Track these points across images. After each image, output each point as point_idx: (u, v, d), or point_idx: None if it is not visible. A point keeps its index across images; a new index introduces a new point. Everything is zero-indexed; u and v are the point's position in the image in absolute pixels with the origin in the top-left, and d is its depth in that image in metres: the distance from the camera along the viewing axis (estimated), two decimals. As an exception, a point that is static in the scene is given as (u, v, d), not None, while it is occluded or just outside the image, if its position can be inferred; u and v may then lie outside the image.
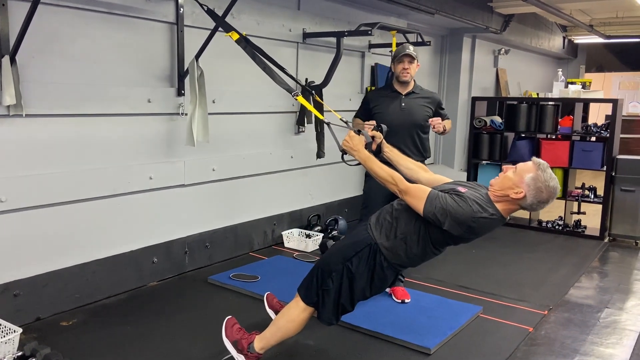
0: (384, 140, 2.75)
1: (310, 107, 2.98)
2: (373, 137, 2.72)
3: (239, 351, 2.66)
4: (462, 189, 2.37)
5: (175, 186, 3.96)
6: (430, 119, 3.63)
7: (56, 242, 3.31)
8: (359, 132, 2.61)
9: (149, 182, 3.75)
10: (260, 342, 2.65)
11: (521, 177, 2.31)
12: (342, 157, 2.73)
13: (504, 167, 2.41)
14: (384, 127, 2.77)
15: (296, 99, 2.92)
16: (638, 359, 2.99)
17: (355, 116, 3.84)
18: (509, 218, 2.46)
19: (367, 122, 3.39)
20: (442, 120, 3.67)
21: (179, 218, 4.04)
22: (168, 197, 3.93)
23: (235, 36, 3.04)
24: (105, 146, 3.49)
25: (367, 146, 2.62)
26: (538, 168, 2.30)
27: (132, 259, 3.73)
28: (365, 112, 3.73)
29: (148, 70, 3.71)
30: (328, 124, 2.81)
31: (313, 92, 3.21)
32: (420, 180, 2.59)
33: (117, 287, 3.64)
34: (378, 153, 2.71)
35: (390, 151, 2.76)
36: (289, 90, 2.94)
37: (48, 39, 3.14)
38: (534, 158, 2.36)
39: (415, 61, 3.61)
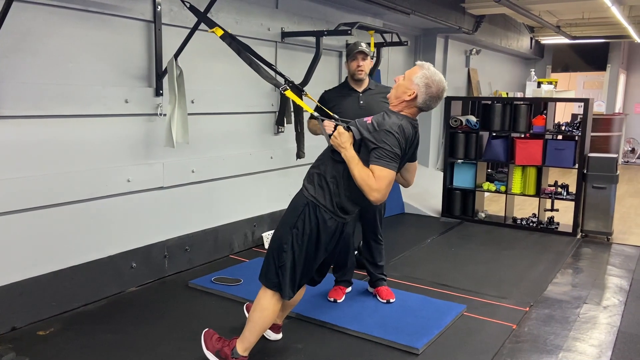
0: None
1: (299, 101, 2.94)
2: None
3: None
4: (367, 119, 2.55)
5: (153, 189, 3.86)
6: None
7: (31, 248, 3.18)
8: (348, 128, 2.59)
9: (126, 184, 3.65)
10: (242, 343, 2.66)
11: (410, 80, 2.53)
12: (331, 153, 2.69)
13: (395, 78, 2.64)
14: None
15: (284, 94, 2.88)
16: (619, 354, 3.06)
17: (312, 118, 3.71)
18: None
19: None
20: None
21: (158, 221, 3.94)
22: (146, 200, 3.83)
23: (220, 32, 2.97)
24: (81, 148, 3.38)
25: (355, 143, 2.59)
26: (422, 67, 2.54)
27: (111, 264, 3.62)
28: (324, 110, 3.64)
29: (125, 70, 3.61)
30: (317, 117, 2.79)
31: (303, 89, 3.16)
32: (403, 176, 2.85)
33: (95, 293, 3.53)
34: None
35: None
36: (277, 85, 2.90)
37: (21, 38, 3.01)
38: (418, 61, 2.59)
39: (369, 58, 3.58)
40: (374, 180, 2.42)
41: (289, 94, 2.88)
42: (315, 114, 2.85)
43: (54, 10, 3.16)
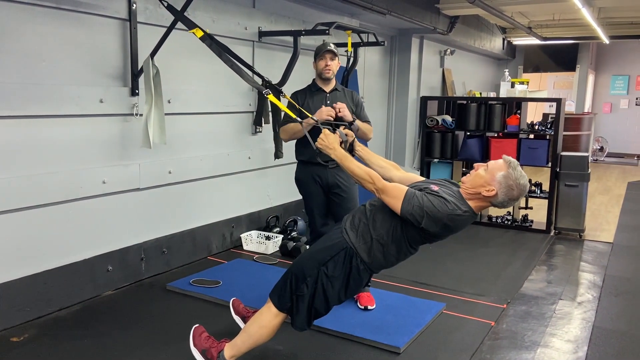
0: (356, 139, 2.74)
1: (282, 106, 2.92)
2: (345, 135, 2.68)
3: None
4: (435, 187, 2.38)
5: (130, 190, 3.79)
6: (335, 104, 3.44)
7: (3, 253, 3.09)
8: (333, 130, 2.58)
9: (102, 186, 3.57)
10: (231, 350, 2.58)
11: (492, 175, 2.32)
12: (316, 157, 2.69)
13: (476, 165, 2.42)
14: (356, 125, 2.75)
15: (267, 97, 2.86)
16: (595, 348, 3.12)
17: (285, 122, 3.62)
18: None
19: (339, 124, 3.32)
20: (362, 122, 3.57)
21: (134, 223, 3.87)
22: (122, 202, 3.75)
23: (200, 33, 2.93)
24: (54, 149, 3.29)
25: (341, 144, 2.59)
26: (509, 166, 2.32)
27: (86, 267, 3.54)
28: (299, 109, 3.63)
29: (100, 69, 3.53)
30: (301, 122, 2.77)
31: (282, 91, 3.15)
32: (393, 179, 2.59)
33: (70, 298, 3.45)
34: (350, 152, 2.68)
35: (362, 149, 2.74)
36: (260, 89, 2.88)
37: (-9, 35, 2.92)
38: (505, 156, 2.38)
39: (337, 58, 3.56)
40: (377, 178, 2.35)
41: (272, 98, 2.86)
42: (299, 119, 2.81)
43: (26, 7, 3.07)
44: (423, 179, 2.60)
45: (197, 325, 2.75)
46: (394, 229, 2.41)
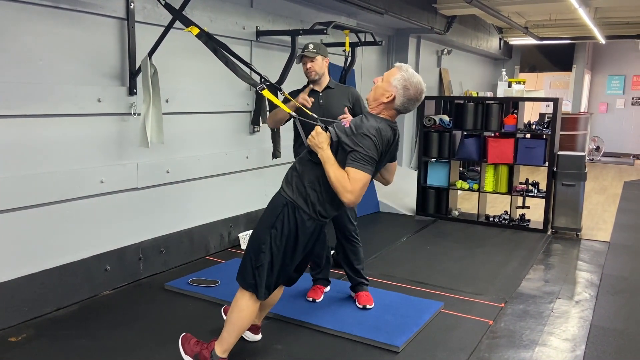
0: None
1: (277, 101, 2.92)
2: None
3: None
4: (346, 123, 2.54)
5: (127, 190, 3.78)
6: (340, 116, 3.39)
7: (0, 253, 3.08)
8: (326, 128, 2.58)
9: (100, 186, 3.56)
10: (221, 345, 2.64)
11: (388, 82, 2.50)
12: (309, 154, 2.69)
13: (374, 79, 2.60)
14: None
15: (262, 93, 2.86)
16: (592, 347, 3.13)
17: (291, 117, 3.66)
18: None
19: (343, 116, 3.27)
20: None
21: (132, 223, 3.86)
22: (120, 202, 3.75)
23: (196, 30, 2.93)
24: (52, 149, 3.28)
25: (332, 144, 2.57)
26: (400, 69, 2.50)
27: (83, 267, 3.53)
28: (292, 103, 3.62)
29: (97, 68, 3.52)
30: (295, 117, 2.78)
31: (281, 88, 3.14)
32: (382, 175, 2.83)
33: (68, 298, 3.44)
34: None
35: None
36: (254, 84, 2.88)
37: (-12, 34, 2.91)
38: (397, 63, 2.57)
39: (317, 57, 3.48)
40: (348, 182, 2.40)
41: (266, 93, 2.86)
42: (293, 113, 2.83)
43: (24, 7, 3.06)
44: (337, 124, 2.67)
45: (184, 334, 2.80)
46: (322, 173, 2.50)
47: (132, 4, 3.61)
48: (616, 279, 4.31)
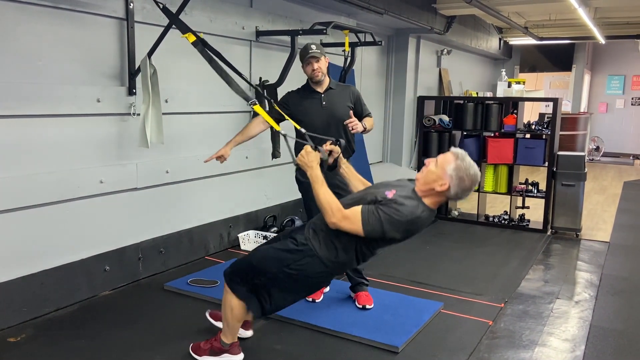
0: (341, 155, 2.73)
1: (267, 117, 2.93)
2: (330, 152, 2.67)
3: (220, 353, 2.75)
4: (390, 194, 2.39)
5: (127, 190, 3.78)
6: (346, 121, 3.42)
7: (0, 252, 3.07)
8: (316, 147, 2.59)
9: (99, 186, 3.56)
10: (226, 336, 2.75)
11: (443, 169, 2.36)
12: (297, 171, 2.74)
13: (426, 160, 2.47)
14: (342, 141, 2.74)
15: (253, 108, 2.88)
16: (592, 347, 3.13)
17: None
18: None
19: (325, 138, 3.11)
20: (364, 116, 3.58)
21: (132, 223, 3.86)
22: (120, 202, 3.74)
23: (192, 38, 2.95)
24: (51, 149, 3.28)
25: (322, 163, 2.59)
26: (457, 158, 2.36)
27: (83, 267, 3.53)
28: (280, 114, 3.53)
29: (97, 68, 3.52)
30: (285, 135, 2.79)
31: (272, 100, 3.17)
32: None
33: (67, 298, 3.43)
34: (334, 167, 2.72)
35: (346, 167, 2.78)
36: (246, 98, 2.91)
37: (-13, 34, 2.91)
38: (453, 148, 2.43)
39: (323, 58, 3.47)
40: (339, 209, 2.38)
41: (257, 108, 2.89)
42: (283, 132, 2.83)
43: (24, 7, 3.06)
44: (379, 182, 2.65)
45: (192, 344, 2.87)
46: (355, 240, 2.46)
47: (132, 4, 3.60)
48: (616, 279, 4.31)
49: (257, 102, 2.88)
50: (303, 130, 2.90)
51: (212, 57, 2.95)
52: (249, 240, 4.76)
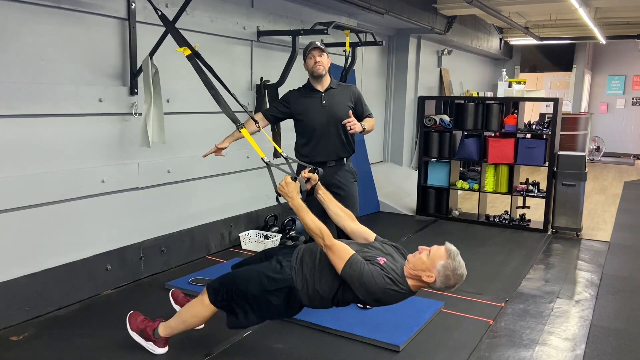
0: (319, 183, 2.82)
1: (253, 143, 2.96)
2: (308, 179, 2.77)
3: (147, 339, 2.83)
4: (381, 260, 2.47)
5: (129, 189, 3.79)
6: (344, 121, 3.42)
7: (2, 252, 3.09)
8: (294, 178, 2.64)
9: (101, 185, 3.57)
10: (165, 330, 2.81)
11: (433, 263, 2.42)
12: (277, 199, 2.80)
13: (420, 248, 2.51)
14: (320, 170, 2.84)
15: (240, 132, 2.99)
16: (592, 347, 3.14)
17: (264, 110, 3.74)
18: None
19: (305, 165, 3.08)
20: (365, 116, 3.59)
21: (133, 222, 3.87)
22: (121, 201, 3.76)
23: (187, 52, 2.98)
24: (53, 148, 3.29)
25: (302, 191, 2.67)
26: (449, 256, 2.41)
27: (85, 266, 3.54)
28: (280, 112, 3.61)
29: (98, 68, 3.53)
30: (268, 164, 2.83)
31: (258, 122, 3.22)
32: (345, 229, 2.78)
33: (69, 297, 3.45)
34: (311, 194, 2.80)
35: (323, 194, 2.86)
36: (235, 121, 2.98)
37: (-10, 34, 2.92)
38: (447, 244, 2.47)
39: (325, 54, 3.49)
40: (328, 235, 2.45)
41: (244, 132, 3.00)
42: (266, 159, 2.88)
43: (26, 7, 3.07)
44: (375, 235, 2.73)
45: (132, 311, 2.91)
46: (335, 288, 2.53)
47: (133, 4, 3.61)
48: (616, 279, 4.32)
49: (244, 126, 3.02)
50: (284, 154, 2.96)
51: (206, 78, 3.01)
52: (250, 240, 4.77)
